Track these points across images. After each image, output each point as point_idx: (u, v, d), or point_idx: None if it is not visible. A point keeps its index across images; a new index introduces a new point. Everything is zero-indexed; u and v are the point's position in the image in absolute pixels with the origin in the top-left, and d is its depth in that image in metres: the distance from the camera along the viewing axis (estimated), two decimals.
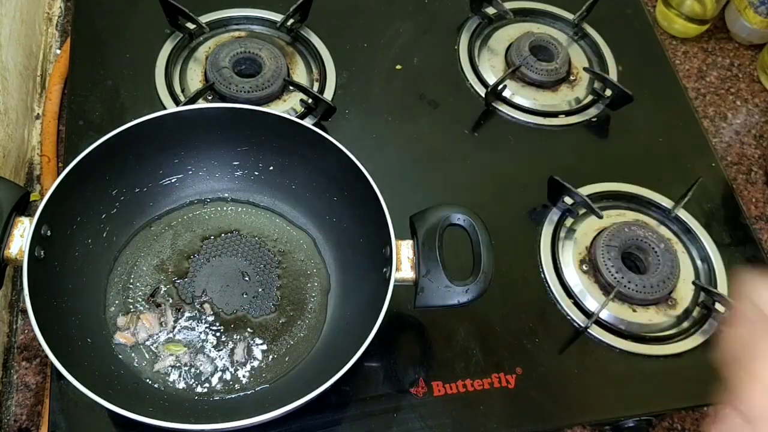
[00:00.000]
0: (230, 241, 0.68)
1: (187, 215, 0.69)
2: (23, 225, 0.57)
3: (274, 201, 0.70)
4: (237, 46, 0.79)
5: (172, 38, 0.81)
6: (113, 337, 0.62)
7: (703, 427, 0.42)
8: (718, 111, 0.93)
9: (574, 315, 0.69)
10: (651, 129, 0.85)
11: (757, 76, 0.97)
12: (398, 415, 0.62)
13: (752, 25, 0.96)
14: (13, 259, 0.56)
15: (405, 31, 0.88)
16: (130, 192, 0.66)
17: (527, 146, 0.81)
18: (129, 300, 0.64)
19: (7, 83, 0.72)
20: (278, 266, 0.67)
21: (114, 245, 0.66)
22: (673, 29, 0.98)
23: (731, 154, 0.90)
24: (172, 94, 0.77)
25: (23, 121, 0.77)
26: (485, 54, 0.88)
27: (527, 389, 0.64)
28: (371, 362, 0.64)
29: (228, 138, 0.67)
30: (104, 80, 0.77)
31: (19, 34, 0.76)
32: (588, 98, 0.86)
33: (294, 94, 0.79)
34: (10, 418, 0.63)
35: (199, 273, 0.66)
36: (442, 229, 0.60)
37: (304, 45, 0.84)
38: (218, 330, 0.64)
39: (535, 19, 0.92)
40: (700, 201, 0.79)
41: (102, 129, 0.67)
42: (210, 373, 0.61)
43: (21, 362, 0.66)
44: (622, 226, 0.73)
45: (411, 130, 0.80)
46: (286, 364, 0.63)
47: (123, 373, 0.60)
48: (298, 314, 0.65)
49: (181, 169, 0.69)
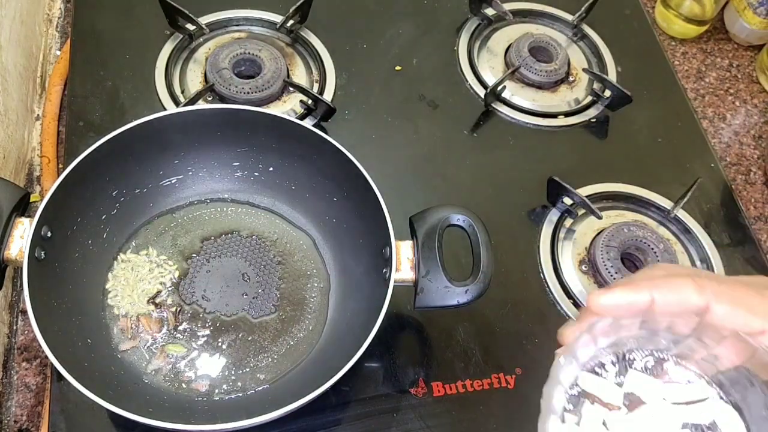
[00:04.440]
0: (230, 241, 0.68)
1: (187, 216, 0.69)
2: (23, 226, 0.57)
3: (273, 202, 0.70)
4: (237, 47, 0.79)
5: (172, 39, 0.81)
6: (113, 338, 0.62)
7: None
8: (717, 112, 0.93)
9: (573, 315, 0.69)
10: (650, 130, 0.85)
11: (756, 76, 0.97)
12: (398, 415, 0.62)
13: (751, 26, 0.96)
14: (13, 260, 0.56)
15: (404, 32, 0.88)
16: (130, 193, 0.66)
17: (526, 147, 0.81)
18: (129, 301, 0.64)
19: (7, 84, 0.72)
20: (278, 267, 0.68)
21: (114, 246, 0.66)
22: (672, 30, 0.98)
23: (730, 155, 0.90)
24: (172, 95, 0.77)
25: (23, 122, 0.77)
26: (484, 55, 0.88)
27: (527, 389, 0.64)
28: (371, 362, 0.64)
29: (228, 139, 0.67)
30: (104, 81, 0.77)
31: (19, 35, 0.76)
32: (587, 99, 0.86)
33: (294, 95, 0.79)
34: (10, 418, 0.64)
35: (199, 274, 0.66)
36: (441, 229, 0.60)
37: (303, 46, 0.84)
38: (218, 330, 0.64)
39: (535, 20, 0.92)
40: (700, 201, 0.79)
41: (102, 130, 0.67)
42: (210, 374, 0.61)
43: (21, 363, 0.66)
44: (622, 226, 0.73)
45: (411, 130, 0.80)
46: (286, 364, 0.63)
47: (123, 373, 0.60)
48: (298, 315, 0.65)
49: (181, 170, 0.69)
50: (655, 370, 0.43)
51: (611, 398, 0.42)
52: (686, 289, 0.39)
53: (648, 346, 0.43)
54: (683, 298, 0.39)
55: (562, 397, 0.42)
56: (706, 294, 0.39)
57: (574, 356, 0.42)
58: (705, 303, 0.39)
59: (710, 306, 0.39)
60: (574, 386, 0.42)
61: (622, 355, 0.43)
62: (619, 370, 0.43)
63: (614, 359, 0.43)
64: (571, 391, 0.42)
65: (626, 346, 0.43)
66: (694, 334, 0.41)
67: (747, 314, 0.38)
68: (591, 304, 0.41)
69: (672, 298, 0.39)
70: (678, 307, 0.39)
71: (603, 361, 0.43)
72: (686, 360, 0.43)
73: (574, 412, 0.42)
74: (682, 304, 0.39)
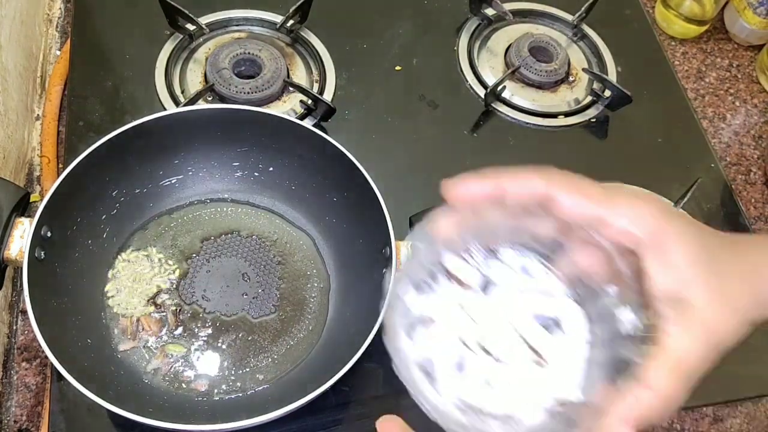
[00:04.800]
0: (230, 241, 0.68)
1: (186, 216, 0.69)
2: (23, 226, 0.57)
3: (273, 202, 0.70)
4: (237, 47, 0.79)
5: (172, 39, 0.81)
6: (113, 338, 0.62)
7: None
8: (717, 112, 0.93)
9: None
10: (650, 130, 0.85)
11: (756, 76, 0.97)
12: (398, 415, 0.62)
13: (751, 26, 0.96)
14: (13, 260, 0.56)
15: (404, 32, 0.88)
16: (130, 193, 0.66)
17: (526, 147, 0.81)
18: (129, 301, 0.64)
19: (7, 84, 0.72)
20: (278, 267, 0.68)
21: (114, 246, 0.66)
22: (672, 30, 0.98)
23: (730, 155, 0.90)
24: (172, 95, 0.77)
25: (23, 122, 0.77)
26: (484, 55, 0.88)
27: None
28: (371, 362, 0.63)
29: (228, 139, 0.67)
30: (104, 81, 0.77)
31: (19, 36, 0.76)
32: (587, 99, 0.86)
33: (294, 95, 0.79)
34: (10, 418, 0.63)
35: (199, 274, 0.66)
36: None
37: (303, 46, 0.84)
38: (218, 330, 0.64)
39: (535, 20, 0.92)
40: (700, 201, 0.79)
41: (102, 130, 0.67)
42: (210, 374, 0.61)
43: (21, 363, 0.66)
44: None
45: (411, 130, 0.80)
46: (286, 364, 0.63)
47: (123, 373, 0.60)
48: (298, 314, 0.65)
49: (181, 170, 0.69)
50: (519, 265, 0.45)
51: (470, 279, 0.44)
52: (533, 177, 0.41)
53: (516, 246, 0.45)
54: (530, 186, 0.41)
55: (421, 269, 0.44)
56: (550, 183, 0.41)
57: (440, 239, 0.44)
58: (547, 191, 0.41)
59: (555, 196, 0.40)
60: (438, 264, 0.45)
61: (490, 249, 0.45)
62: (485, 260, 0.45)
63: (484, 252, 0.45)
64: (432, 267, 0.44)
65: (496, 243, 0.45)
66: (559, 239, 0.43)
67: (589, 203, 0.40)
68: (447, 196, 0.42)
69: (520, 187, 0.41)
70: (527, 196, 0.41)
71: (472, 249, 0.45)
72: (550, 262, 0.45)
73: (431, 287, 0.44)
74: (527, 193, 0.41)
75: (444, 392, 0.43)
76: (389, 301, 0.43)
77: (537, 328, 0.44)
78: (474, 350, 0.43)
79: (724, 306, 0.40)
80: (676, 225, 0.40)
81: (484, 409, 0.42)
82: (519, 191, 0.41)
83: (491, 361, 0.43)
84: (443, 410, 0.42)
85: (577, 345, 0.43)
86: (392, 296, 0.44)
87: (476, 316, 0.44)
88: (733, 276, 0.41)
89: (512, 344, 0.43)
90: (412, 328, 0.44)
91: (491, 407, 0.42)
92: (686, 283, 0.39)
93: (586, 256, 0.43)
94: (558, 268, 0.45)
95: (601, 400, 0.39)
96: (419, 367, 0.43)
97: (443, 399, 0.43)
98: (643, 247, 0.40)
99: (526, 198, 0.41)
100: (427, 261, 0.44)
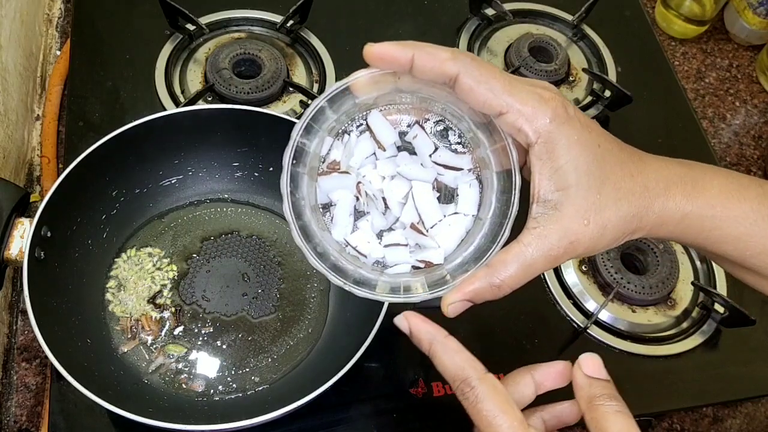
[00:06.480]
0: (230, 241, 0.68)
1: (186, 216, 0.69)
2: (23, 226, 0.57)
3: (273, 202, 0.70)
4: (237, 47, 0.79)
5: (172, 39, 0.81)
6: (113, 338, 0.62)
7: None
8: (717, 112, 0.93)
9: (573, 315, 0.69)
10: (650, 130, 0.85)
11: (756, 77, 0.97)
12: (398, 415, 0.62)
13: (751, 26, 0.96)
14: (13, 260, 0.56)
15: (404, 32, 0.88)
16: (130, 193, 0.66)
17: None
18: (129, 301, 0.64)
19: (7, 84, 0.72)
20: (278, 267, 0.68)
21: (114, 246, 0.66)
22: (672, 30, 0.98)
23: (730, 155, 0.90)
24: (172, 95, 0.77)
25: (23, 122, 0.77)
26: (485, 55, 0.88)
27: None
28: (371, 362, 0.64)
29: (228, 139, 0.67)
30: (104, 81, 0.77)
31: (19, 35, 0.76)
32: (587, 99, 0.86)
33: (294, 96, 0.79)
34: (10, 419, 0.63)
35: (198, 274, 0.66)
36: None
37: (303, 46, 0.84)
38: (218, 331, 0.64)
39: (535, 20, 0.92)
40: None
41: (102, 130, 0.67)
42: (209, 374, 0.62)
43: (21, 363, 0.66)
44: None
45: None
46: (286, 364, 0.63)
47: (123, 373, 0.60)
48: (298, 314, 0.65)
49: (181, 170, 0.69)
50: (438, 139, 0.48)
51: (386, 138, 0.47)
52: (442, 54, 0.41)
53: (435, 116, 0.47)
54: (438, 62, 0.41)
55: (340, 118, 0.47)
56: (458, 64, 0.41)
57: (359, 93, 0.45)
58: (455, 72, 0.41)
59: (459, 77, 0.41)
60: (359, 118, 0.47)
61: (420, 120, 0.47)
62: (410, 129, 0.47)
63: (407, 118, 0.48)
64: (354, 122, 0.47)
65: (419, 111, 0.47)
66: (480, 129, 0.45)
67: (492, 94, 0.41)
68: (365, 52, 0.43)
69: (428, 61, 0.41)
70: (432, 72, 0.41)
71: (403, 118, 0.47)
72: (469, 147, 0.47)
73: (348, 137, 0.47)
74: (436, 70, 0.41)
75: (335, 233, 0.47)
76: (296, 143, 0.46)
77: (431, 195, 0.47)
78: (372, 202, 0.47)
79: (593, 222, 0.41)
80: (570, 132, 0.41)
81: (363, 252, 0.47)
82: (426, 64, 0.41)
83: (380, 215, 0.47)
84: (329, 242, 0.47)
85: (461, 219, 0.47)
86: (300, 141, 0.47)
87: (382, 171, 0.47)
88: (618, 192, 0.42)
89: (405, 206, 0.47)
90: (316, 172, 0.47)
91: (370, 253, 0.47)
92: (563, 192, 0.41)
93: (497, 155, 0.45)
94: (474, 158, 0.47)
95: (454, 270, 0.45)
96: (319, 208, 0.48)
97: (334, 236, 0.47)
98: (532, 148, 0.41)
99: (437, 75, 0.41)
100: (346, 113, 0.46)
